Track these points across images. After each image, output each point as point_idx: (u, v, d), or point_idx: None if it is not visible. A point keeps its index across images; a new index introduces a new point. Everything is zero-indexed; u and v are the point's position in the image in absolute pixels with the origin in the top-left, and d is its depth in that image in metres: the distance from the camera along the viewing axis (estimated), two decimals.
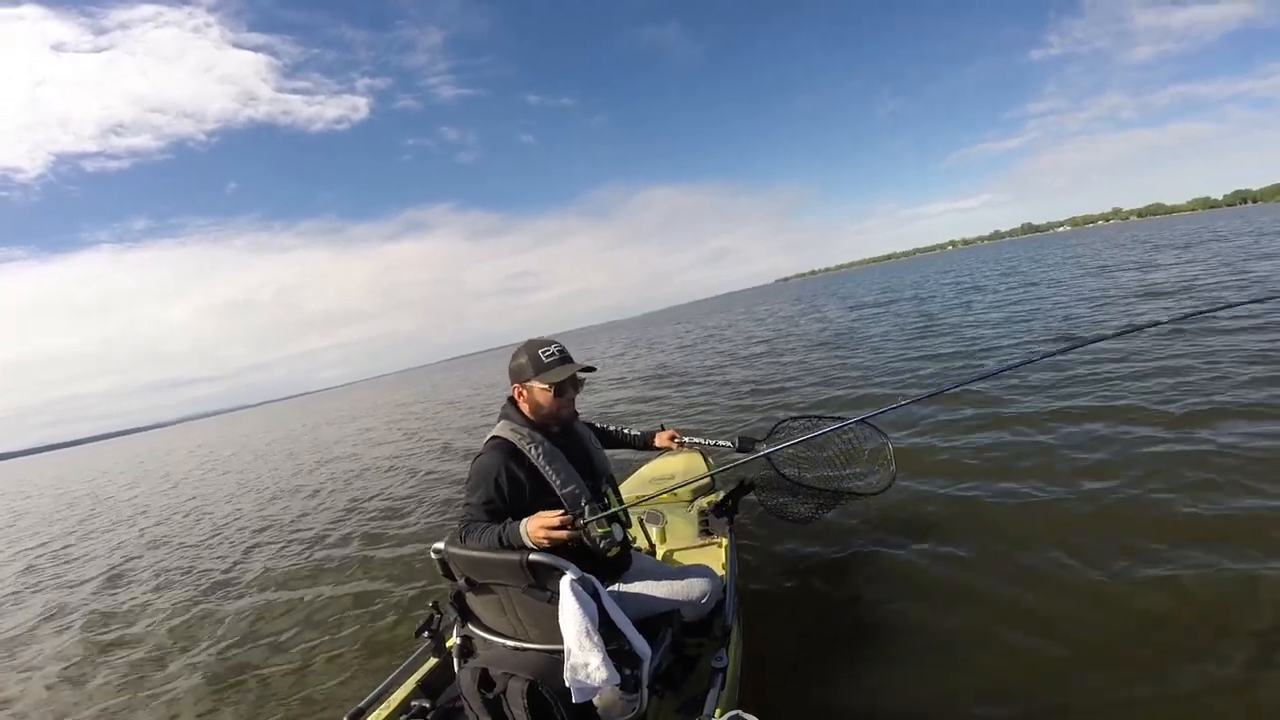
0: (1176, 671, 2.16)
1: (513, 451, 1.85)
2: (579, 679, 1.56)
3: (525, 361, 1.91)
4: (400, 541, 5.47)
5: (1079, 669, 2.27)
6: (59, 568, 7.47)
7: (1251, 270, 11.89)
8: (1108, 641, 2.37)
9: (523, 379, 1.91)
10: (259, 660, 3.74)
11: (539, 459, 1.86)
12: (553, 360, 1.90)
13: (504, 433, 1.89)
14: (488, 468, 1.81)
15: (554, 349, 1.93)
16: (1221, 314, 7.12)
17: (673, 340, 25.26)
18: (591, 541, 1.75)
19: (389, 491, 7.69)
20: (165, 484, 14.60)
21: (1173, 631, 2.36)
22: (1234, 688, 2.06)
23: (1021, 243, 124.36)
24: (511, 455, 1.84)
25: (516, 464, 1.83)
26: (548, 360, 1.90)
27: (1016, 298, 14.31)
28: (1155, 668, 2.20)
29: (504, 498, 1.78)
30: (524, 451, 1.86)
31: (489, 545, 1.70)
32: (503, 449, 1.85)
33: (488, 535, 1.71)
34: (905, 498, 3.93)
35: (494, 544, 1.70)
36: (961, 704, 2.22)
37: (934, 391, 2.42)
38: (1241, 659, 2.16)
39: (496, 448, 1.86)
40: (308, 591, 4.77)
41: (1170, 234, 33.13)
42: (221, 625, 4.43)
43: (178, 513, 9.72)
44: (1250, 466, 3.46)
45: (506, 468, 1.81)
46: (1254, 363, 5.31)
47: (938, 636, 2.61)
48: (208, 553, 6.60)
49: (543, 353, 1.90)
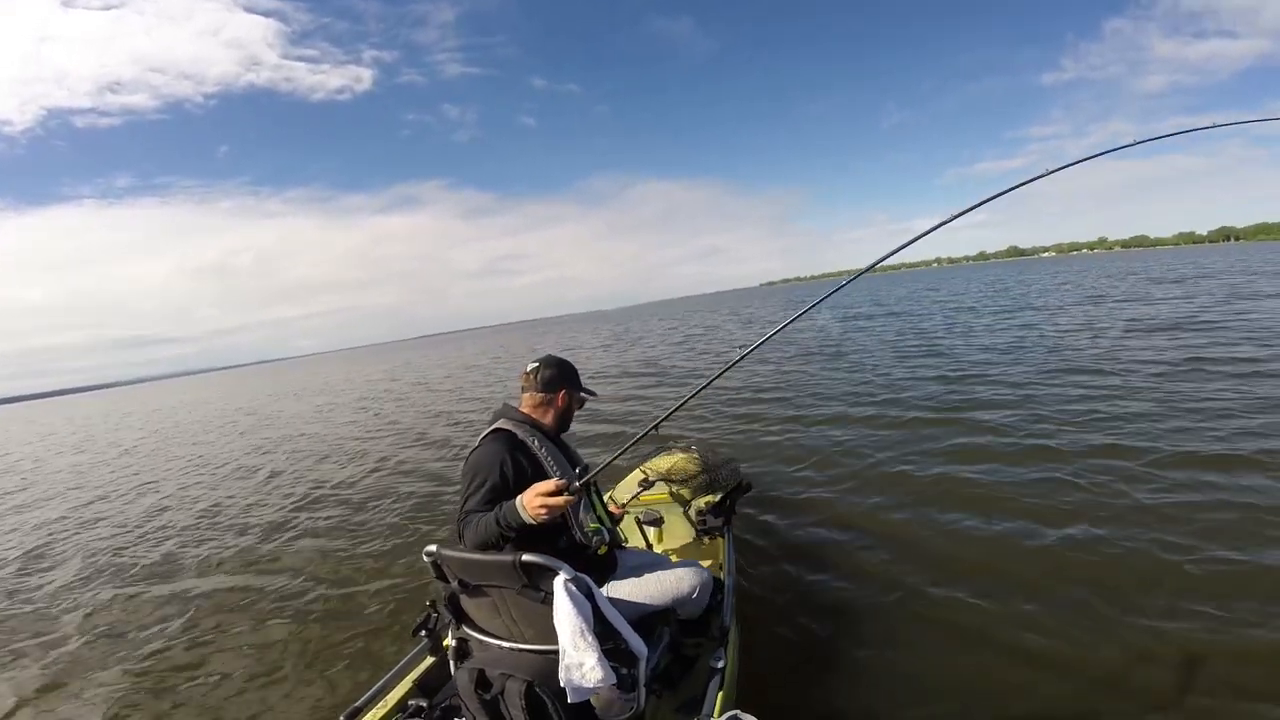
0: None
1: (515, 441, 1.92)
2: (575, 679, 1.55)
3: (573, 372, 2.12)
4: (341, 535, 4.93)
5: (1081, 671, 2.33)
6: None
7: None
8: (1111, 652, 2.41)
9: (575, 385, 2.10)
10: (190, 661, 3.41)
11: (539, 450, 1.92)
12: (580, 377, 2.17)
13: (505, 426, 1.96)
14: (491, 455, 1.85)
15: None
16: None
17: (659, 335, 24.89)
18: (584, 535, 1.86)
19: (344, 480, 7.12)
20: (113, 451, 13.74)
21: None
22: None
23: (1007, 265, 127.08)
24: (514, 444, 1.90)
25: (520, 452, 1.89)
26: (580, 378, 2.14)
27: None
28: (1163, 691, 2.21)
29: (508, 484, 1.80)
30: (526, 442, 1.93)
31: (488, 529, 1.71)
32: (504, 439, 1.91)
33: (485, 521, 1.72)
34: (909, 505, 4.00)
35: (493, 528, 1.70)
36: (961, 704, 2.25)
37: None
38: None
39: (498, 438, 1.91)
40: (252, 582, 4.41)
41: (1158, 265, 34.23)
42: (150, 619, 4.01)
43: (117, 489, 8.93)
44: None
45: (511, 455, 1.85)
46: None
47: (938, 637, 2.65)
48: (142, 540, 5.93)
49: (577, 370, 2.14)
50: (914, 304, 24.34)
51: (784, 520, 4.13)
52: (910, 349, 11.44)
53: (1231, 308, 11.98)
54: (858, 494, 4.38)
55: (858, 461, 5.04)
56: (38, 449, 17.15)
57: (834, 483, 4.66)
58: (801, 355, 12.23)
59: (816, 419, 6.72)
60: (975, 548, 3.38)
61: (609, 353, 20.32)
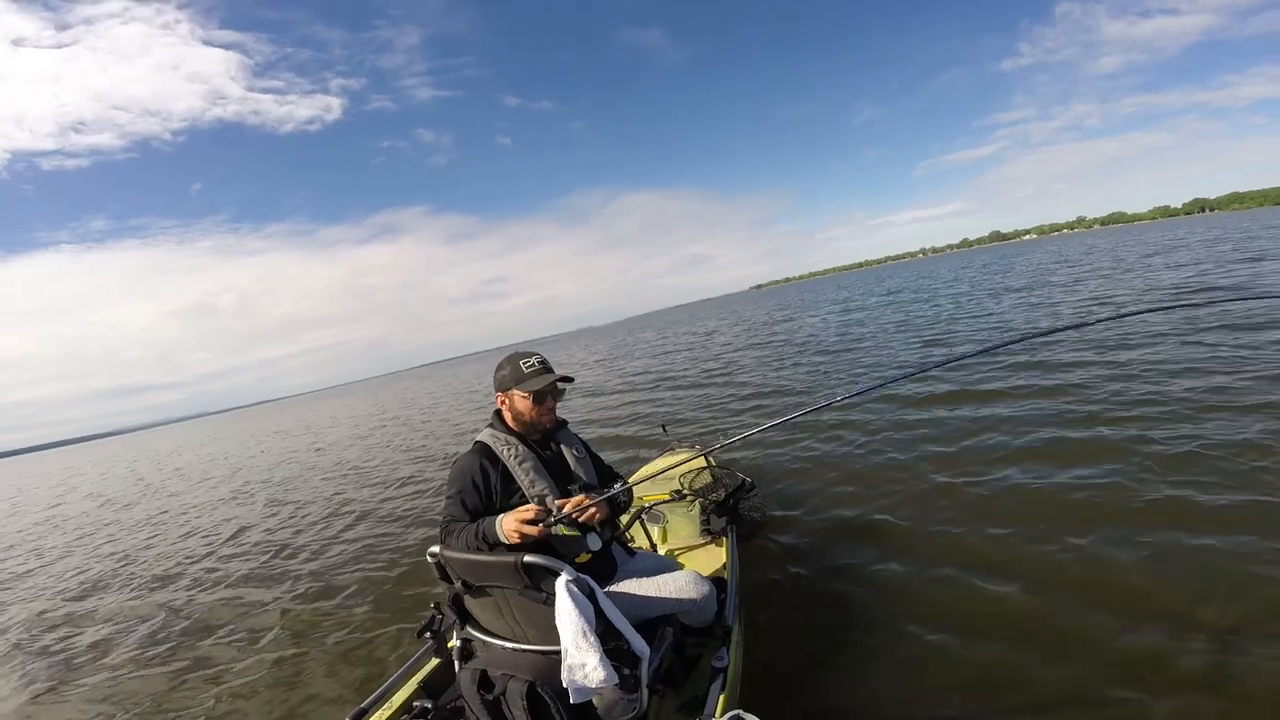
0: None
1: (488, 453, 2.00)
2: (577, 679, 1.56)
3: (508, 372, 2.06)
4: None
5: (1082, 672, 2.27)
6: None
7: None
8: (1114, 649, 2.35)
9: (505, 388, 2.06)
10: (195, 665, 3.45)
11: (511, 459, 1.98)
12: (533, 370, 2.05)
13: (484, 437, 2.05)
14: (466, 466, 1.96)
15: (534, 360, 2.07)
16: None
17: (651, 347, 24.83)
18: (559, 541, 1.85)
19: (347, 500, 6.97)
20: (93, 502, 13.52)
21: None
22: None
23: (990, 249, 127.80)
24: (487, 455, 1.99)
25: (490, 463, 1.96)
26: (528, 370, 2.04)
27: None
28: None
29: (478, 493, 1.90)
30: (499, 453, 1.99)
31: (468, 542, 1.78)
32: (479, 450, 2.00)
33: (467, 533, 1.80)
34: (912, 505, 3.95)
35: (472, 540, 1.77)
36: (964, 704, 2.23)
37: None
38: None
39: (475, 450, 2.01)
40: (252, 590, 4.40)
41: (1147, 240, 32.93)
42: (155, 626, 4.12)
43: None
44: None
45: (481, 466, 1.94)
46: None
47: (944, 637, 2.61)
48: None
49: (524, 364, 2.05)
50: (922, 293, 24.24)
51: (787, 519, 4.09)
52: (912, 341, 11.40)
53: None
54: (863, 494, 4.33)
55: (862, 462, 4.98)
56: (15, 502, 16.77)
57: (839, 483, 4.61)
58: (803, 354, 12.15)
59: (821, 419, 6.56)
60: (981, 547, 3.27)
61: (604, 367, 20.27)
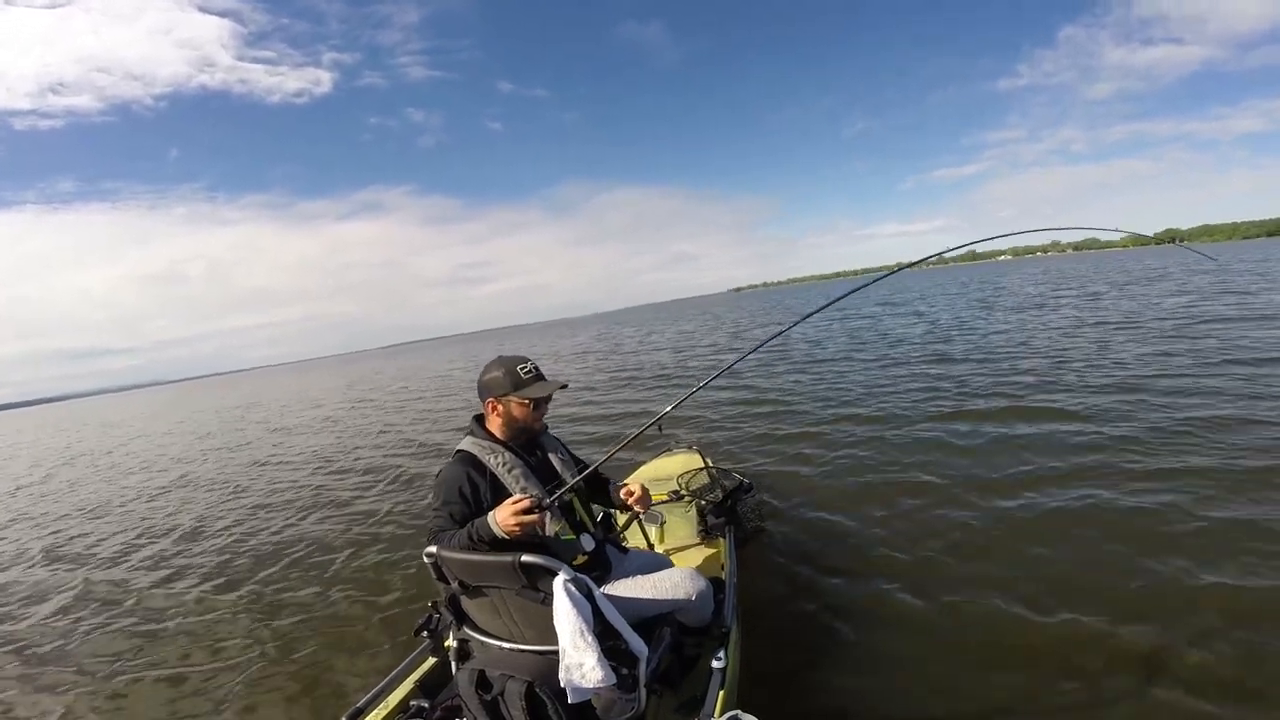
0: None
1: (474, 461, 1.95)
2: (574, 679, 1.55)
3: (501, 377, 1.98)
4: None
5: (1084, 673, 2.29)
6: None
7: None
8: (1114, 648, 2.39)
9: (498, 394, 1.98)
10: (189, 664, 3.28)
11: (499, 467, 1.94)
12: (530, 377, 1.99)
13: (467, 446, 2.00)
14: (451, 477, 1.91)
15: (530, 366, 2.01)
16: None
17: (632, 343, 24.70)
18: (554, 545, 1.85)
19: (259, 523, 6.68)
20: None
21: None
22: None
23: (965, 268, 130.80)
24: (473, 464, 1.94)
25: (477, 472, 1.92)
26: (526, 377, 1.98)
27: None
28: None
29: (467, 503, 1.86)
30: (484, 461, 1.94)
31: (461, 547, 1.74)
32: (465, 459, 1.96)
33: (458, 538, 1.76)
34: (911, 507, 3.98)
35: (465, 544, 1.73)
36: (964, 704, 2.24)
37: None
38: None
39: (459, 459, 1.97)
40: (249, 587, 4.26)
41: (1123, 268, 33.57)
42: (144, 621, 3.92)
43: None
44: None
45: (468, 475, 1.90)
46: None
47: (942, 637, 2.63)
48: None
49: (520, 369, 1.98)
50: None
51: (786, 519, 4.08)
52: (913, 355, 11.46)
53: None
54: (861, 494, 4.35)
55: (861, 463, 4.98)
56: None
57: (837, 483, 4.62)
58: (802, 360, 12.00)
59: (821, 419, 6.65)
60: (979, 549, 3.33)
61: (585, 360, 20.12)
